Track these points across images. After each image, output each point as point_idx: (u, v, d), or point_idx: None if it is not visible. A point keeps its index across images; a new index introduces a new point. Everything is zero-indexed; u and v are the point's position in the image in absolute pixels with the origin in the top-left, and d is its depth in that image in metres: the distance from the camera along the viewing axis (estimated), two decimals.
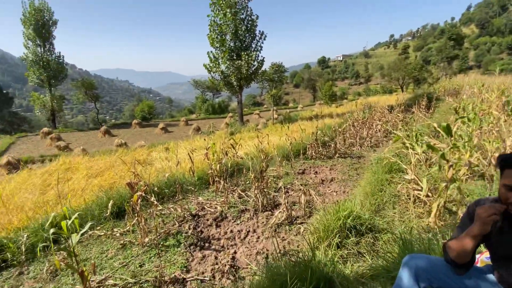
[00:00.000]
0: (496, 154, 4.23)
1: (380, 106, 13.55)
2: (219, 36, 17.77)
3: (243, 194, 4.95)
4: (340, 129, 9.66)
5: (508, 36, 68.49)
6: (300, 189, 4.37)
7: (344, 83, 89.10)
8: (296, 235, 3.42)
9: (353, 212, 2.88)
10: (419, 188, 3.69)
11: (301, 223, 3.74)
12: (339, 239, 2.70)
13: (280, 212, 3.91)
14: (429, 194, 3.59)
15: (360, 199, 3.80)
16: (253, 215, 4.18)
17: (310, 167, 6.71)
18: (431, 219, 3.01)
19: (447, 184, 3.09)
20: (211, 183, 5.47)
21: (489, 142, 4.51)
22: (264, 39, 18.51)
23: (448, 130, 3.09)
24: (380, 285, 1.79)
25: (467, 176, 4.10)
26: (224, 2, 16.85)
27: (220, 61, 18.28)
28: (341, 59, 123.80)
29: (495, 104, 7.07)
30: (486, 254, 1.50)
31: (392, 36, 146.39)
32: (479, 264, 1.48)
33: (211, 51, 18.27)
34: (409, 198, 3.65)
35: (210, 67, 18.51)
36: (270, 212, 4.23)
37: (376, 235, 2.82)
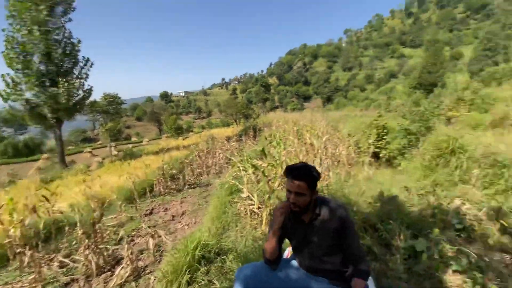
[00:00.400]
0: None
1: (221, 137, 15.36)
2: (21, 56, 13.48)
3: (66, 260, 3.72)
4: (187, 161, 9.85)
5: (294, 86, 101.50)
6: (148, 233, 3.90)
7: (189, 117, 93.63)
8: None
9: (200, 241, 2.91)
10: (253, 203, 4.40)
11: (151, 272, 3.30)
12: (189, 275, 2.62)
13: (122, 268, 3.26)
14: (260, 206, 4.37)
15: (208, 226, 3.95)
16: (85, 285, 3.21)
17: (159, 205, 6.24)
18: (263, 227, 3.64)
19: (269, 195, 3.91)
20: (11, 257, 3.74)
21: (290, 159, 6.27)
22: (91, 66, 16.06)
23: (263, 152, 4.02)
24: None
25: (282, 186, 5.41)
26: (29, 17, 13.21)
27: (23, 87, 13.74)
28: (183, 95, 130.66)
29: (291, 131, 10.05)
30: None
31: (223, 79, 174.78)
32: (289, 256, 1.91)
33: (8, 74, 13.45)
34: (246, 213, 4.23)
35: (7, 94, 13.48)
36: (109, 273, 3.43)
37: (224, 257, 2.99)
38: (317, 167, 6.08)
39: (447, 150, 4.46)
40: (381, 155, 7.81)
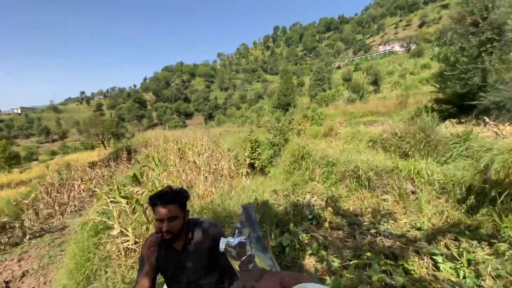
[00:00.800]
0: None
1: (81, 164, 12.44)
2: None
3: None
4: (27, 201, 7.31)
5: (174, 103, 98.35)
6: None
7: (29, 141, 70.61)
8: None
9: None
10: (128, 239, 3.79)
11: None
12: None
13: None
14: (137, 240, 3.82)
15: (63, 284, 3.04)
16: None
17: None
18: None
19: (147, 226, 3.51)
20: None
21: (172, 180, 5.94)
22: None
23: (135, 178, 3.59)
24: None
25: None
26: None
27: None
28: (19, 111, 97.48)
29: (172, 150, 9.59)
30: None
31: (83, 93, 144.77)
32: None
33: None
34: (120, 253, 3.59)
35: None
36: None
37: None
38: (201, 184, 6.08)
39: (299, 156, 5.66)
40: (255, 165, 8.83)
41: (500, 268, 2.08)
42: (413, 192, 3.68)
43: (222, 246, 0.39)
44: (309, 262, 2.50)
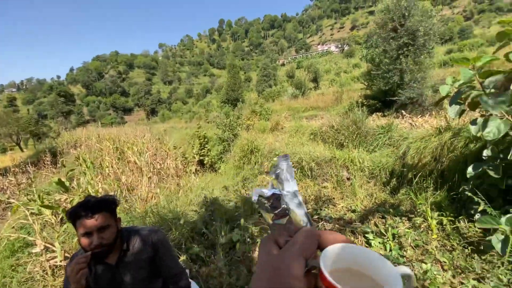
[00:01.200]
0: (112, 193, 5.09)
1: None
2: None
3: None
4: None
5: (110, 97, 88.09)
6: None
7: None
8: None
9: None
10: (55, 255, 3.27)
11: None
12: None
13: None
14: (68, 255, 3.33)
15: None
16: None
17: None
18: None
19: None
20: None
21: (109, 184, 5.33)
22: None
23: (61, 184, 3.09)
24: None
25: None
26: None
27: None
28: None
29: (108, 150, 8.59)
30: None
31: None
32: None
33: None
34: (46, 273, 3.07)
35: None
36: None
37: None
38: (143, 186, 5.62)
39: (248, 151, 5.74)
40: (205, 162, 8.61)
41: (417, 239, 2.49)
42: (348, 179, 4.10)
43: (255, 197, 0.35)
44: None
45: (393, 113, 8.59)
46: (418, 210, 2.93)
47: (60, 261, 3.18)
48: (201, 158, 8.70)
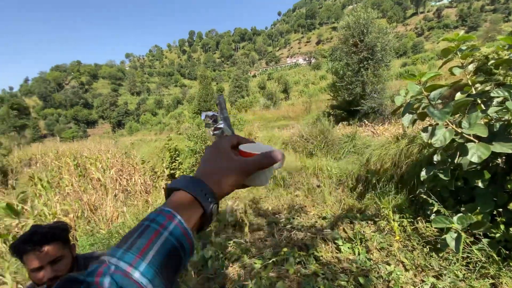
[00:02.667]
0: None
1: None
2: None
3: None
4: None
5: (70, 109, 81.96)
6: None
7: None
8: None
9: None
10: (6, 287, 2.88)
11: None
12: None
13: None
14: (21, 286, 2.95)
15: None
16: None
17: None
18: None
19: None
20: None
21: (69, 204, 4.89)
22: None
23: (10, 209, 2.76)
24: None
25: None
26: None
27: None
28: None
29: (68, 167, 7.92)
30: None
31: None
32: None
33: None
34: None
35: None
36: None
37: None
38: (109, 203, 5.25)
39: None
40: (176, 175, 8.32)
41: (382, 241, 2.63)
42: (318, 186, 4.24)
43: (202, 116, 0.55)
44: (233, 269, 2.50)
45: (357, 122, 9.16)
46: (382, 214, 3.10)
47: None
48: (172, 171, 8.39)
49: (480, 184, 2.08)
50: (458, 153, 2.26)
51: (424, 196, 2.59)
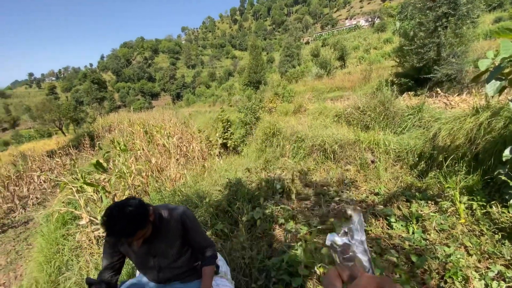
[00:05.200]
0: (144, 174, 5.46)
1: (38, 153, 11.40)
2: None
3: None
4: None
5: (138, 82, 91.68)
6: None
7: None
8: None
9: None
10: (98, 227, 3.69)
11: None
12: None
13: None
14: None
15: (34, 276, 2.93)
16: None
17: None
18: None
19: None
20: None
21: (142, 165, 5.74)
22: None
23: (99, 165, 3.42)
24: None
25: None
26: None
27: None
28: None
29: (139, 134, 9.14)
30: None
31: (31, 74, 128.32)
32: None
33: None
34: (92, 242, 3.50)
35: None
36: None
37: None
38: (172, 167, 5.96)
39: (270, 134, 5.78)
40: (228, 145, 8.83)
41: (443, 223, 2.42)
42: (372, 162, 4.00)
43: (328, 242, 0.44)
44: (279, 232, 2.67)
45: (426, 92, 7.97)
46: (446, 194, 2.81)
47: (103, 232, 3.58)
48: (225, 141, 8.92)
49: None
50: None
51: (504, 178, 2.23)
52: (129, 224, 1.16)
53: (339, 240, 0.44)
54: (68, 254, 3.43)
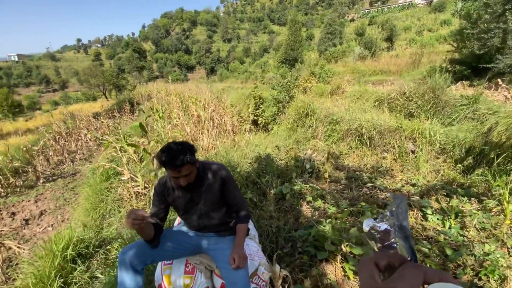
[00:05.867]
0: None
1: (85, 114, 12.52)
2: None
3: None
4: (37, 148, 7.59)
5: (175, 54, 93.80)
6: None
7: (30, 90, 69.95)
8: None
9: (71, 239, 2.46)
10: (137, 184, 4.05)
11: None
12: (63, 279, 2.21)
13: None
14: (146, 185, 4.08)
15: (81, 220, 3.36)
16: None
17: (0, 210, 4.68)
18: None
19: (156, 173, 3.71)
20: None
21: (178, 132, 6.05)
22: None
23: (142, 128, 3.68)
24: None
25: None
26: None
27: None
28: (16, 59, 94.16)
29: (175, 104, 9.53)
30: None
31: (79, 40, 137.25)
32: (179, 224, 1.95)
33: None
34: (131, 196, 3.87)
35: None
36: None
37: (108, 248, 2.69)
38: (205, 138, 6.20)
39: (303, 114, 5.65)
40: (259, 122, 8.85)
41: (485, 221, 2.26)
42: (412, 152, 3.76)
43: (366, 227, 0.41)
44: (306, 209, 2.71)
45: (484, 83, 7.06)
46: (493, 193, 2.59)
47: (142, 189, 3.94)
48: (255, 118, 8.93)
49: None
50: None
51: None
52: (183, 154, 1.33)
53: (379, 226, 0.40)
54: (110, 204, 3.85)
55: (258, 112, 9.00)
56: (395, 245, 0.37)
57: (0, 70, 78.47)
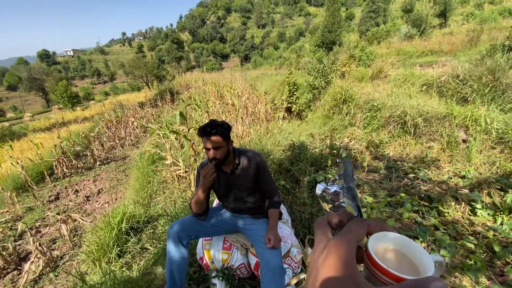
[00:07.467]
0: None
1: (131, 103, 13.65)
2: None
3: None
4: (93, 134, 8.58)
5: (210, 43, 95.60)
6: (58, 220, 3.47)
7: (85, 82, 77.98)
8: (68, 275, 2.74)
9: (125, 214, 2.81)
10: (179, 168, 4.38)
11: (71, 258, 3.03)
12: (119, 248, 2.56)
13: (32, 262, 2.87)
14: (187, 170, 4.40)
15: (132, 198, 3.78)
16: None
17: (66, 188, 5.46)
18: (192, 188, 3.75)
19: (195, 158, 3.97)
20: None
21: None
22: None
23: (182, 116, 3.92)
24: (161, 265, 2.00)
25: None
26: None
27: None
28: (71, 54, 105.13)
29: (211, 93, 9.86)
30: None
31: (124, 34, 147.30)
32: (217, 205, 2.11)
33: None
34: (174, 179, 4.22)
35: None
36: (16, 272, 2.99)
37: (155, 223, 3.01)
38: (239, 126, 6.37)
39: (340, 100, 5.42)
40: (293, 109, 8.73)
41: None
42: (464, 141, 3.42)
43: (318, 191, 0.44)
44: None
45: None
46: None
47: (183, 172, 4.25)
48: (289, 105, 8.82)
49: None
50: None
51: None
52: (219, 128, 1.50)
53: (330, 188, 0.42)
54: (156, 185, 4.25)
55: (292, 99, 8.86)
56: (343, 204, 0.40)
57: (59, 64, 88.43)
